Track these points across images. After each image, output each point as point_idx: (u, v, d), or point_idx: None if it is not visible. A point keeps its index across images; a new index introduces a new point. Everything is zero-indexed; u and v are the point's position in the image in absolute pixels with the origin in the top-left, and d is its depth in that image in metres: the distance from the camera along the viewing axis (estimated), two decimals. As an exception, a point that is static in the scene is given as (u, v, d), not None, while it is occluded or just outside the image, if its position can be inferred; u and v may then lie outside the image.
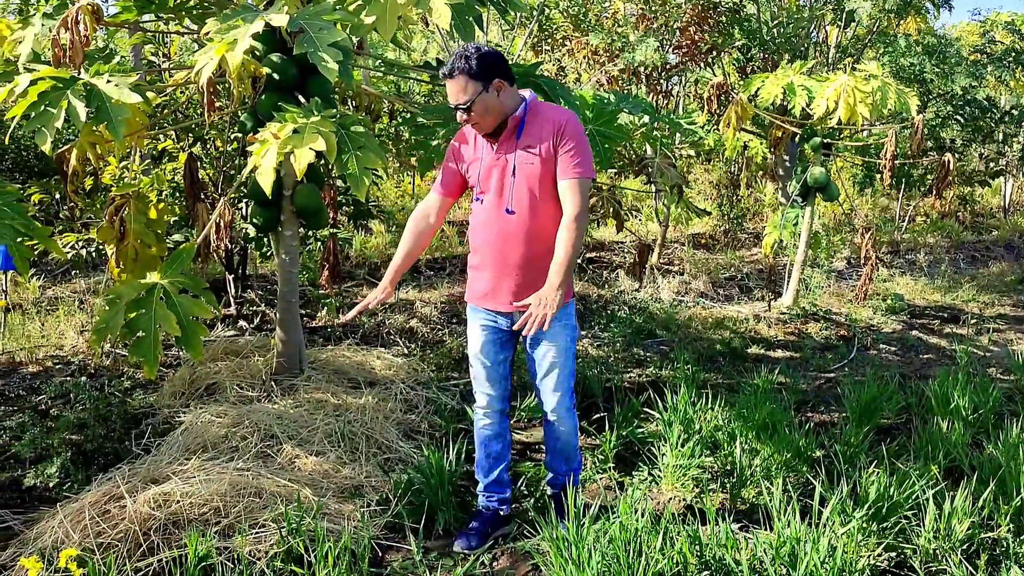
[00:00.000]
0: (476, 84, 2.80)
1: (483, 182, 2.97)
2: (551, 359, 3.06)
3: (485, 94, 2.81)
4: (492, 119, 2.87)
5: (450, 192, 3.10)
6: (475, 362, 3.16)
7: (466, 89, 2.79)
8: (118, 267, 4.21)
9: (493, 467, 3.25)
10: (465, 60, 2.79)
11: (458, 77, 2.79)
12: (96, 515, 2.95)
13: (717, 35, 7.60)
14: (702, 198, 11.38)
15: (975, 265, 9.66)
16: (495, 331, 3.10)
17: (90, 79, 3.41)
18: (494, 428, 3.22)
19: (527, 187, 2.89)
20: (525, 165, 2.89)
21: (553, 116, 2.90)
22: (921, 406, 4.64)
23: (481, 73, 2.80)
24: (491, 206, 2.96)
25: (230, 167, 5.60)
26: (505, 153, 2.93)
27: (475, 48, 2.81)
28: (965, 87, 9.49)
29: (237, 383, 4.30)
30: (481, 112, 2.83)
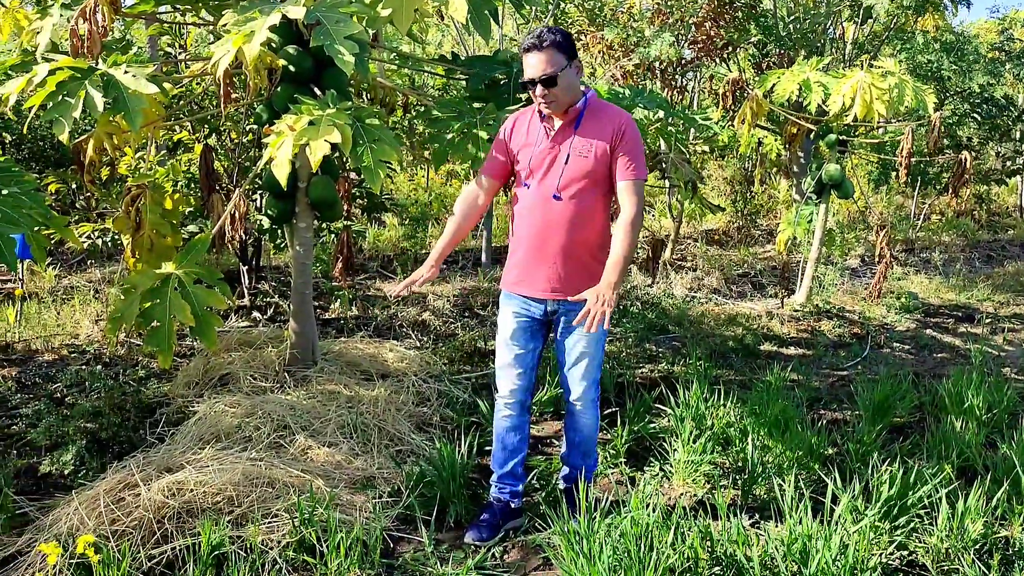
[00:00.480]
0: (563, 58, 2.84)
1: (534, 168, 2.98)
2: (581, 348, 3.08)
3: (568, 69, 2.86)
4: (568, 98, 2.91)
5: (498, 175, 3.12)
6: (503, 349, 3.16)
7: (553, 61, 2.82)
8: (133, 257, 4.23)
9: (508, 459, 3.25)
10: (554, 33, 2.83)
11: (548, 48, 2.82)
12: (111, 502, 2.97)
13: (733, 31, 7.57)
14: (716, 194, 11.34)
15: (990, 264, 9.60)
16: (528, 319, 3.11)
17: (108, 69, 3.43)
18: (513, 420, 3.22)
19: (578, 177, 2.92)
20: (579, 157, 2.92)
21: (614, 117, 2.94)
22: (935, 405, 4.62)
23: (568, 48, 2.86)
24: (538, 191, 2.98)
25: (245, 159, 5.63)
26: (561, 142, 2.95)
27: (558, 28, 2.84)
28: (983, 85, 9.42)
29: (250, 374, 4.32)
30: (564, 88, 2.86)
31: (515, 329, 3.12)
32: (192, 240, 3.85)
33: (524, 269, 3.05)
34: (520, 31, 9.99)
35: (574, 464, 3.33)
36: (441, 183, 10.84)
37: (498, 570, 2.95)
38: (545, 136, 2.98)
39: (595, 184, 2.95)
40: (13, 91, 3.39)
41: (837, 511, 2.95)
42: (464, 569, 2.89)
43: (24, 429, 3.82)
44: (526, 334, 3.13)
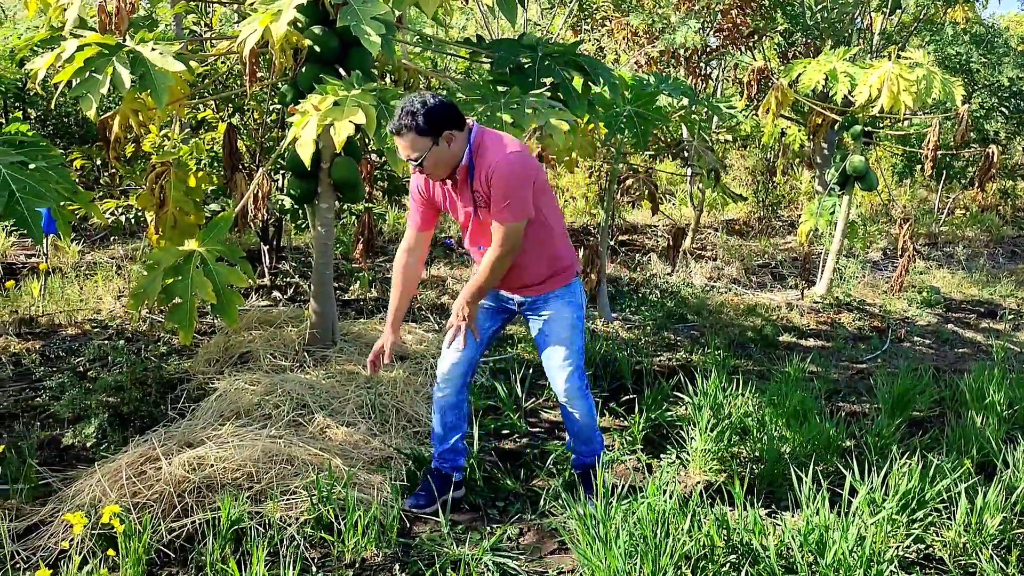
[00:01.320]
0: (425, 140, 2.77)
1: (459, 220, 3.06)
2: (555, 335, 3.10)
3: (435, 147, 2.79)
4: (444, 169, 2.87)
5: (427, 225, 3.13)
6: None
7: (414, 146, 2.77)
8: (157, 233, 4.27)
9: (449, 435, 3.28)
10: (412, 117, 2.74)
11: (405, 135, 2.76)
12: (132, 476, 3.01)
13: (759, 19, 7.50)
14: (737, 184, 11.27)
15: (1014, 260, 9.49)
16: (493, 303, 3.18)
17: (135, 47, 3.44)
18: (450, 399, 3.25)
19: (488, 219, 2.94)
20: (480, 202, 2.93)
21: (488, 162, 2.85)
22: (955, 400, 4.59)
23: (429, 129, 2.75)
24: (468, 244, 3.11)
25: (268, 138, 5.64)
26: (465, 199, 2.96)
27: (421, 103, 2.74)
28: (1012, 79, 9.30)
29: (270, 352, 4.35)
30: (432, 165, 2.83)
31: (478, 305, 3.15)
32: (215, 218, 3.87)
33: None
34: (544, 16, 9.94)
35: (580, 451, 3.35)
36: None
37: (514, 552, 2.96)
38: (453, 194, 2.99)
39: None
40: (42, 67, 3.42)
41: (855, 503, 2.94)
42: (480, 551, 2.91)
43: (47, 401, 3.87)
44: (485, 313, 3.18)
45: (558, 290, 3.09)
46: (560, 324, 3.09)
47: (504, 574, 2.85)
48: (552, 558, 2.99)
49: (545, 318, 3.11)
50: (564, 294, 3.09)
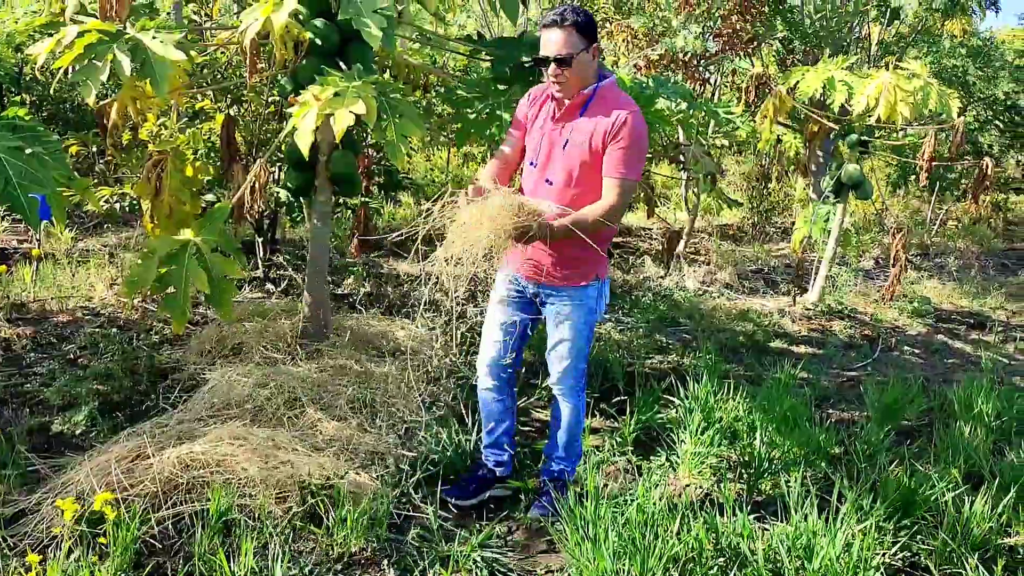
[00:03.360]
0: (581, 40, 2.78)
1: (537, 149, 2.99)
2: (562, 332, 3.09)
3: (585, 53, 2.80)
4: (579, 82, 2.85)
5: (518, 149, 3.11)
6: (491, 313, 3.21)
7: (569, 42, 2.77)
8: (152, 222, 4.25)
9: (494, 430, 3.31)
10: (576, 14, 2.77)
11: (568, 28, 2.76)
12: (121, 471, 2.99)
13: (759, 25, 7.52)
14: (732, 189, 11.31)
15: (1005, 273, 9.55)
16: (517, 291, 3.15)
17: (136, 34, 3.43)
18: (493, 391, 3.27)
19: (571, 164, 2.90)
20: (576, 145, 2.88)
21: (617, 109, 2.85)
22: (943, 410, 4.62)
23: (589, 31, 2.79)
24: (537, 173, 3.00)
25: (266, 130, 5.63)
26: (562, 126, 2.92)
27: (582, 8, 2.79)
28: (1008, 92, 9.35)
29: (263, 344, 4.34)
30: (576, 71, 2.81)
31: (505, 296, 3.16)
32: (212, 208, 3.86)
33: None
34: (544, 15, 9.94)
35: (551, 455, 3.31)
36: (458, 165, 10.82)
37: (503, 550, 2.97)
38: (551, 116, 2.96)
39: (586, 175, 2.90)
40: (43, 52, 3.40)
41: (843, 509, 2.96)
42: (469, 547, 2.91)
43: (37, 388, 3.85)
44: (515, 305, 3.15)
45: (573, 289, 3.03)
46: (569, 324, 3.07)
47: (493, 571, 2.85)
48: (541, 557, 2.99)
49: (554, 312, 3.08)
50: (576, 295, 3.04)
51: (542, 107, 3.01)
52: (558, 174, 2.92)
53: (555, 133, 2.93)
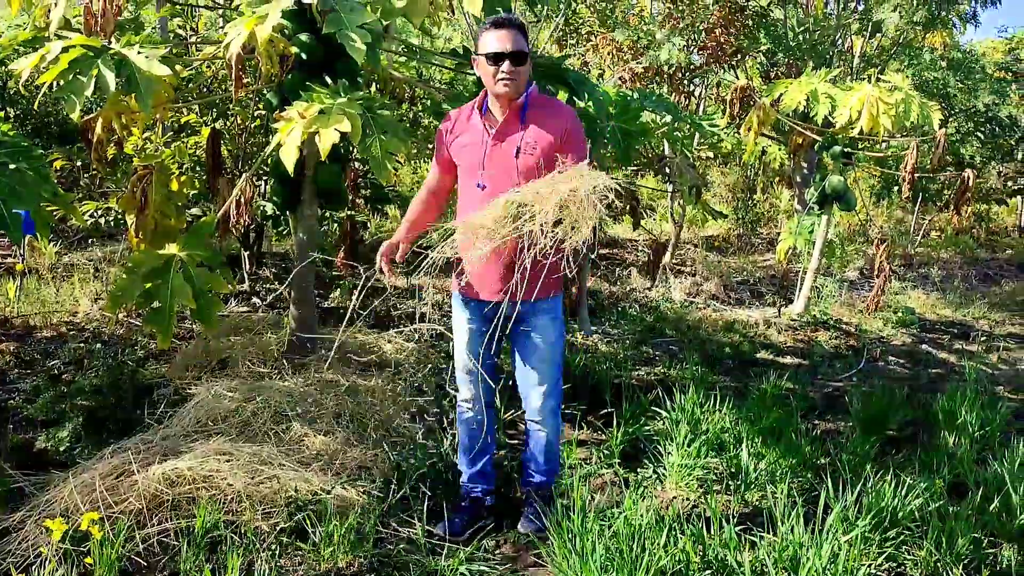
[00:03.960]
0: (527, 43, 2.82)
1: (484, 166, 2.90)
2: (541, 350, 3.02)
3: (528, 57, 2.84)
4: (523, 83, 2.85)
5: (451, 168, 3.06)
6: (461, 355, 3.13)
7: (522, 42, 2.80)
8: (137, 237, 4.23)
9: (478, 459, 3.26)
10: (519, 21, 2.84)
11: (518, 28, 2.81)
12: (106, 488, 2.97)
13: (743, 38, 7.58)
14: (717, 201, 11.37)
15: (987, 283, 9.63)
16: (482, 323, 3.03)
17: (120, 49, 3.43)
18: (479, 421, 3.20)
19: (526, 171, 2.84)
20: (528, 153, 2.85)
21: (561, 114, 2.91)
22: (928, 420, 4.64)
23: (526, 38, 2.84)
24: (489, 191, 2.86)
25: (252, 144, 5.63)
26: (506, 137, 2.88)
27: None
28: (988, 104, 9.45)
29: (249, 359, 4.33)
30: (526, 71, 2.83)
31: (471, 335, 3.07)
32: (197, 223, 3.85)
33: (476, 271, 2.90)
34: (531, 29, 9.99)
35: (542, 471, 3.25)
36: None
37: (490, 564, 2.96)
38: (485, 132, 2.90)
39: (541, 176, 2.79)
40: (27, 67, 3.39)
41: (828, 520, 2.97)
42: (456, 562, 2.90)
43: (21, 404, 3.82)
44: (482, 338, 3.05)
45: (546, 301, 2.98)
46: (543, 340, 3.01)
47: (480, 586, 2.85)
48: (529, 571, 2.99)
49: (528, 331, 3.01)
50: (550, 309, 3.01)
51: (468, 127, 2.96)
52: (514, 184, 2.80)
53: (501, 146, 2.89)
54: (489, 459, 3.28)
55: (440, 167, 3.09)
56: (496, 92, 2.86)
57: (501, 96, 2.86)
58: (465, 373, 3.15)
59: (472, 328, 3.07)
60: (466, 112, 3.01)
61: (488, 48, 2.80)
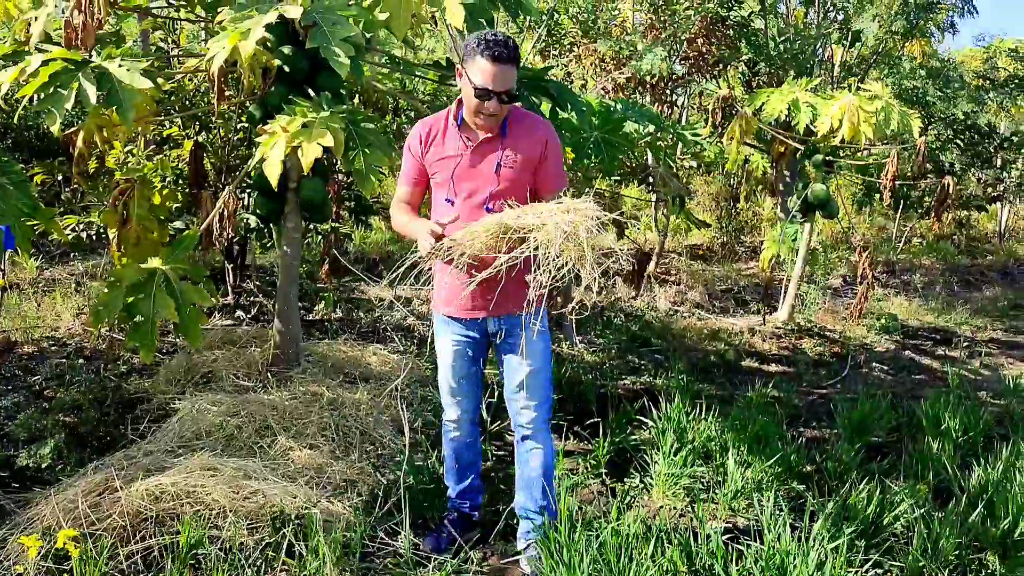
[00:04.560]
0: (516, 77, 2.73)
1: (458, 180, 2.83)
2: (532, 363, 2.90)
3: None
4: (503, 117, 2.79)
5: (423, 181, 2.94)
6: (445, 375, 3.05)
7: (515, 75, 2.71)
8: (119, 251, 4.20)
9: (466, 474, 3.22)
10: (516, 49, 2.69)
11: (513, 64, 2.68)
12: (88, 505, 2.94)
13: (724, 48, 7.62)
14: (701, 209, 11.42)
15: (969, 289, 9.71)
16: (467, 342, 2.96)
17: (101, 63, 3.41)
18: (465, 438, 3.15)
19: (508, 188, 2.79)
20: (509, 167, 2.80)
21: (539, 127, 2.86)
22: (912, 426, 4.67)
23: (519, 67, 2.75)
24: (465, 205, 2.81)
25: (235, 157, 5.60)
26: (486, 151, 2.81)
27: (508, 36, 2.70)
28: (967, 112, 9.55)
29: (233, 372, 4.30)
30: (509, 107, 2.76)
31: (455, 355, 2.98)
32: (180, 236, 3.84)
33: (458, 289, 2.81)
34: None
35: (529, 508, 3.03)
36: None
37: (477, 577, 2.95)
38: (463, 146, 2.82)
39: (519, 193, 2.79)
40: (6, 80, 3.37)
41: (815, 528, 2.98)
42: (443, 574, 2.89)
43: (2, 421, 3.78)
44: (467, 358, 2.99)
45: (532, 315, 2.84)
46: (533, 356, 2.89)
47: (467, 599, 2.84)
48: (516, 583, 2.98)
49: (515, 346, 2.90)
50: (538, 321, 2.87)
51: (444, 139, 2.87)
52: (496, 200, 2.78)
53: (480, 160, 2.81)
54: (476, 475, 3.26)
55: (412, 181, 2.94)
56: (475, 122, 2.80)
57: (479, 127, 2.80)
58: (449, 394, 3.08)
59: (456, 348, 2.98)
60: (440, 123, 2.90)
61: (477, 79, 2.68)
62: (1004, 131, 12.06)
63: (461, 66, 2.77)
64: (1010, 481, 3.57)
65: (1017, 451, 3.99)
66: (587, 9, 7.62)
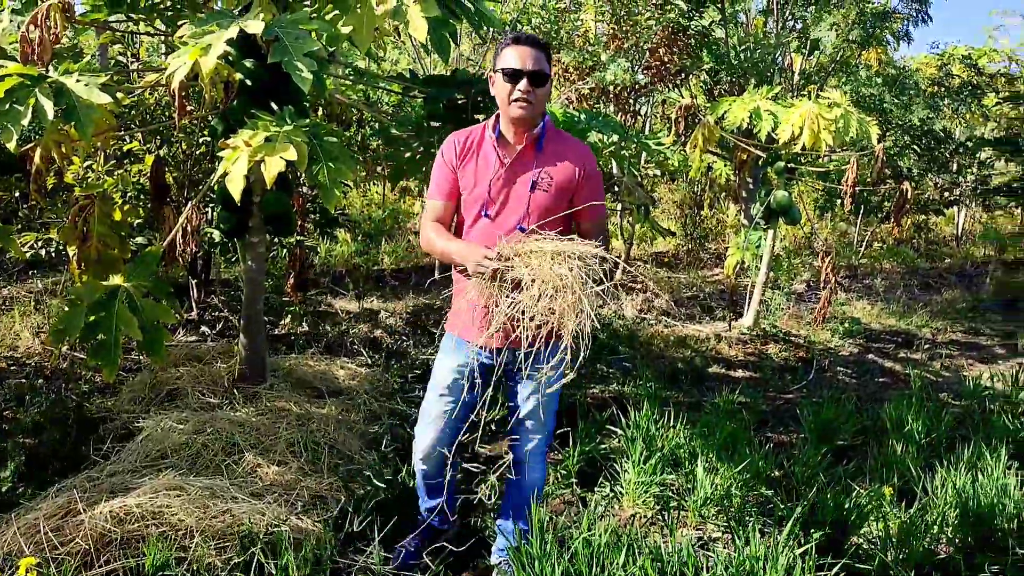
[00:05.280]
0: (549, 66, 2.65)
1: (493, 197, 2.71)
2: (540, 398, 2.80)
3: (550, 81, 2.67)
4: (539, 111, 2.67)
5: (455, 194, 2.80)
6: (434, 400, 2.90)
7: (544, 63, 2.63)
8: (79, 268, 4.14)
9: (436, 496, 3.09)
10: (543, 41, 2.65)
11: (543, 49, 2.63)
12: (51, 528, 2.88)
13: (686, 57, 7.70)
14: (665, 217, 11.51)
15: (928, 291, 9.88)
16: (471, 369, 2.81)
17: (59, 78, 3.36)
18: (435, 464, 2.98)
19: (543, 209, 2.68)
20: (545, 187, 2.69)
21: (579, 151, 2.75)
22: (877, 429, 4.74)
23: (549, 61, 2.68)
24: (497, 224, 2.70)
25: (197, 171, 5.55)
26: (521, 168, 2.70)
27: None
28: (923, 119, 9.74)
29: (199, 389, 4.25)
30: (544, 96, 2.65)
31: (454, 380, 2.84)
32: (143, 253, 3.78)
33: (477, 312, 2.64)
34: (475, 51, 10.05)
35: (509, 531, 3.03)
36: (395, 199, 10.81)
37: (449, 591, 2.94)
38: (499, 162, 2.71)
39: (556, 212, 2.70)
40: (-40, 97, 3.30)
41: (783, 533, 3.00)
42: (415, 590, 2.87)
43: (-40, 444, 3.70)
44: (464, 385, 2.82)
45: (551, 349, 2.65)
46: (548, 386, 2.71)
47: (440, 614, 2.82)
48: (488, 596, 2.97)
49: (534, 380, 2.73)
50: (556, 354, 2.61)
51: (479, 152, 2.75)
52: (531, 222, 2.66)
53: (515, 177, 2.70)
54: (449, 492, 3.14)
55: (446, 194, 2.79)
56: (510, 115, 2.66)
57: (515, 120, 2.66)
58: (433, 419, 2.91)
59: (459, 372, 2.83)
60: (476, 135, 2.78)
61: (506, 63, 2.60)
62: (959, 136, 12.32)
63: (492, 72, 2.70)
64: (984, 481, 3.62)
65: (978, 452, 4.06)
66: (550, 20, 7.67)
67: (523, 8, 7.63)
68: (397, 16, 3.38)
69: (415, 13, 3.37)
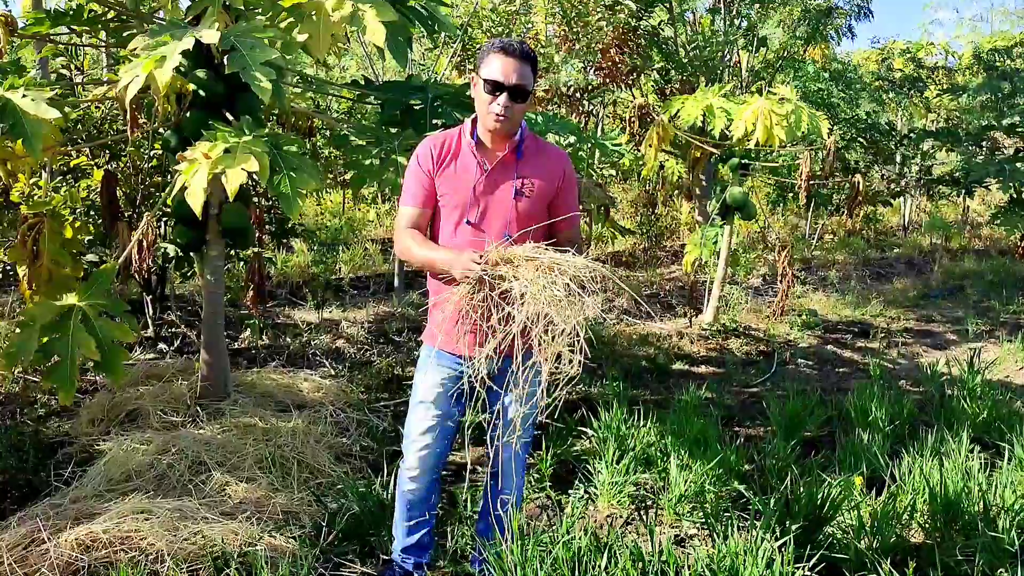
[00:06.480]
0: (533, 81, 2.59)
1: (471, 204, 2.64)
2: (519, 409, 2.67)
3: (531, 95, 2.62)
4: (517, 122, 2.61)
5: (430, 201, 2.70)
6: (421, 415, 2.80)
7: (529, 78, 2.55)
8: (30, 289, 4.01)
9: (416, 531, 2.95)
10: (531, 51, 2.56)
11: (529, 63, 2.55)
12: (14, 560, 2.78)
13: (637, 57, 7.76)
14: (621, 216, 11.58)
15: (880, 281, 10.08)
16: (456, 381, 2.73)
17: (4, 93, 3.26)
18: (424, 492, 2.89)
19: (525, 215, 2.64)
20: (527, 195, 2.65)
21: (558, 157, 2.72)
22: (842, 419, 4.80)
23: (535, 73, 2.62)
24: (479, 232, 2.64)
25: (149, 185, 5.42)
26: (502, 175, 2.65)
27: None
28: (868, 112, 9.95)
29: (160, 408, 4.14)
30: (523, 109, 2.58)
31: (439, 394, 2.76)
32: (98, 270, 3.68)
33: (461, 321, 2.53)
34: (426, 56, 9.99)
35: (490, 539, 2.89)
36: (349, 207, 10.71)
37: (430, 603, 2.90)
38: (479, 168, 2.64)
39: (536, 221, 2.65)
40: (-100, 115, 3.18)
41: (759, 526, 3.02)
42: (395, 604, 2.83)
43: (-89, 476, 3.56)
44: (451, 399, 2.76)
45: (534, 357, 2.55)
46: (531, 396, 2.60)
47: (422, 626, 2.78)
48: (470, 605, 2.93)
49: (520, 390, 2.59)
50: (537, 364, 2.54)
51: (456, 158, 2.67)
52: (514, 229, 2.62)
53: (497, 183, 2.64)
54: (428, 531, 2.97)
55: (421, 201, 2.69)
56: (487, 126, 2.61)
57: (491, 131, 2.62)
58: (419, 436, 2.80)
59: (444, 385, 2.76)
60: (452, 140, 2.69)
61: (489, 73, 2.54)
62: (902, 128, 12.61)
63: (476, 74, 2.63)
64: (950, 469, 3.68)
65: (941, 437, 4.14)
66: (501, 23, 7.66)
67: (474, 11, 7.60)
68: (354, 22, 3.34)
69: (372, 18, 3.33)
